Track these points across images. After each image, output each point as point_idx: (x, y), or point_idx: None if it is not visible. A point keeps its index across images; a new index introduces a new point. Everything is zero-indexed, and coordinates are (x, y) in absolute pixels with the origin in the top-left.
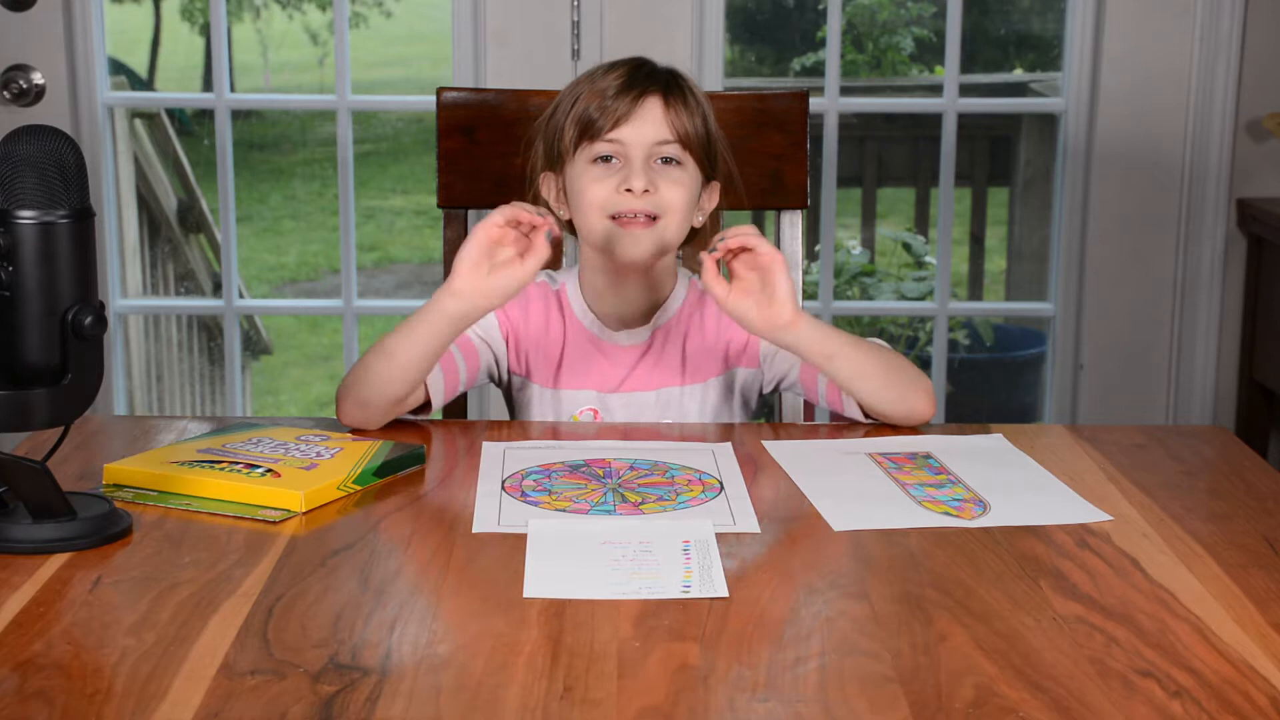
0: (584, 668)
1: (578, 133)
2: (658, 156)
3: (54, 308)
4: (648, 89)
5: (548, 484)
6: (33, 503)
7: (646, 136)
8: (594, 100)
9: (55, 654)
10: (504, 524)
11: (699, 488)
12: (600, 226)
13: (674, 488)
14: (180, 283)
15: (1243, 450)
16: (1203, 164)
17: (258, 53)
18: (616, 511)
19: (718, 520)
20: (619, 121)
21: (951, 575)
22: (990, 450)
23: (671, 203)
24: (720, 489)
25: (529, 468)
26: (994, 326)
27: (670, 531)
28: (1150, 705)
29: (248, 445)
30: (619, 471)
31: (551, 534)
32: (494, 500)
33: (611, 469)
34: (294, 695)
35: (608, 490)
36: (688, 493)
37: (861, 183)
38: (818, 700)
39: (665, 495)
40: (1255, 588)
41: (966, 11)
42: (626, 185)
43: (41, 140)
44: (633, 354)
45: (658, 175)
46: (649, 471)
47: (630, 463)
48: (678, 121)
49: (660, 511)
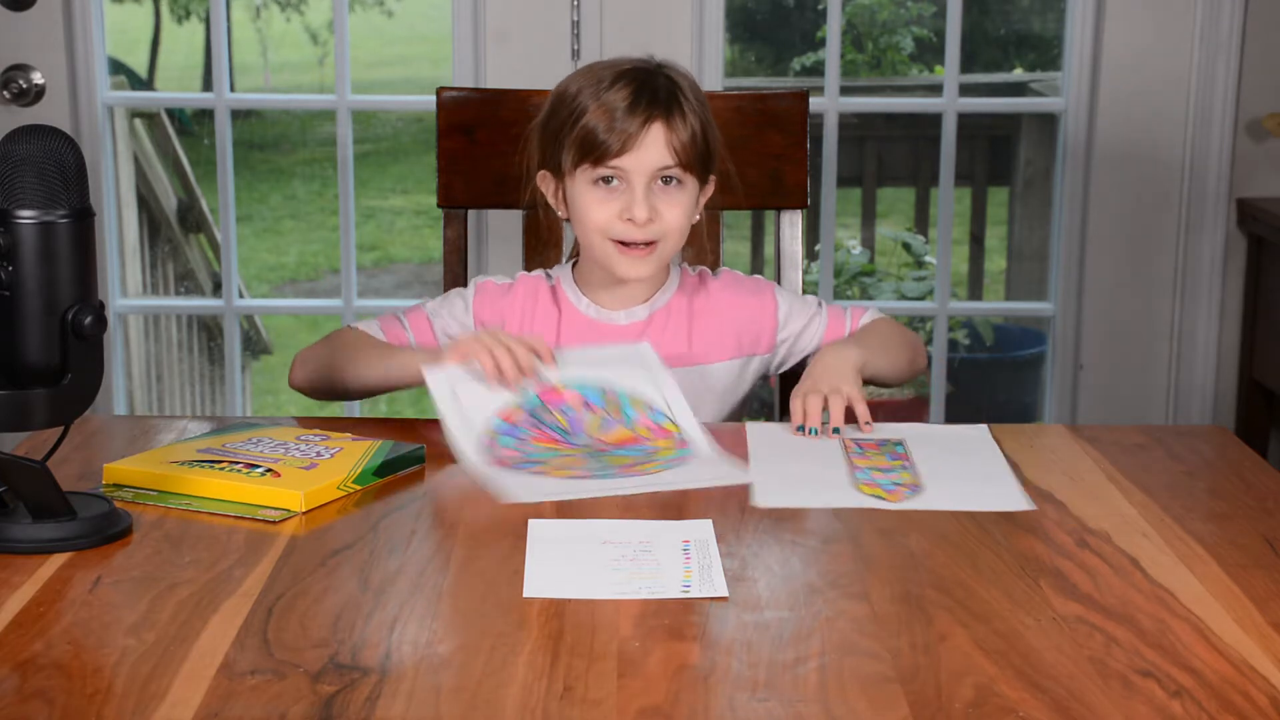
0: (584, 668)
1: (580, 153)
2: (659, 179)
3: (54, 307)
4: (652, 114)
5: (531, 454)
6: (33, 503)
7: (649, 163)
8: (598, 119)
9: (55, 654)
10: (534, 494)
11: (665, 441)
12: (601, 247)
13: (642, 446)
14: (180, 283)
15: (1243, 450)
16: (1202, 164)
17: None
18: (617, 474)
19: (714, 474)
20: (623, 149)
21: (951, 575)
22: (965, 440)
23: (671, 225)
24: (685, 444)
25: (496, 425)
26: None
27: (670, 531)
28: (1150, 705)
29: (248, 445)
30: (581, 424)
31: (551, 534)
32: (499, 477)
33: (572, 418)
34: (294, 695)
35: (589, 456)
36: (661, 451)
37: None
38: (818, 700)
39: (640, 456)
40: (1255, 588)
41: (966, 11)
42: (629, 214)
43: (41, 140)
44: (631, 332)
45: (658, 199)
46: (606, 414)
47: (582, 396)
48: (679, 143)
49: (656, 471)
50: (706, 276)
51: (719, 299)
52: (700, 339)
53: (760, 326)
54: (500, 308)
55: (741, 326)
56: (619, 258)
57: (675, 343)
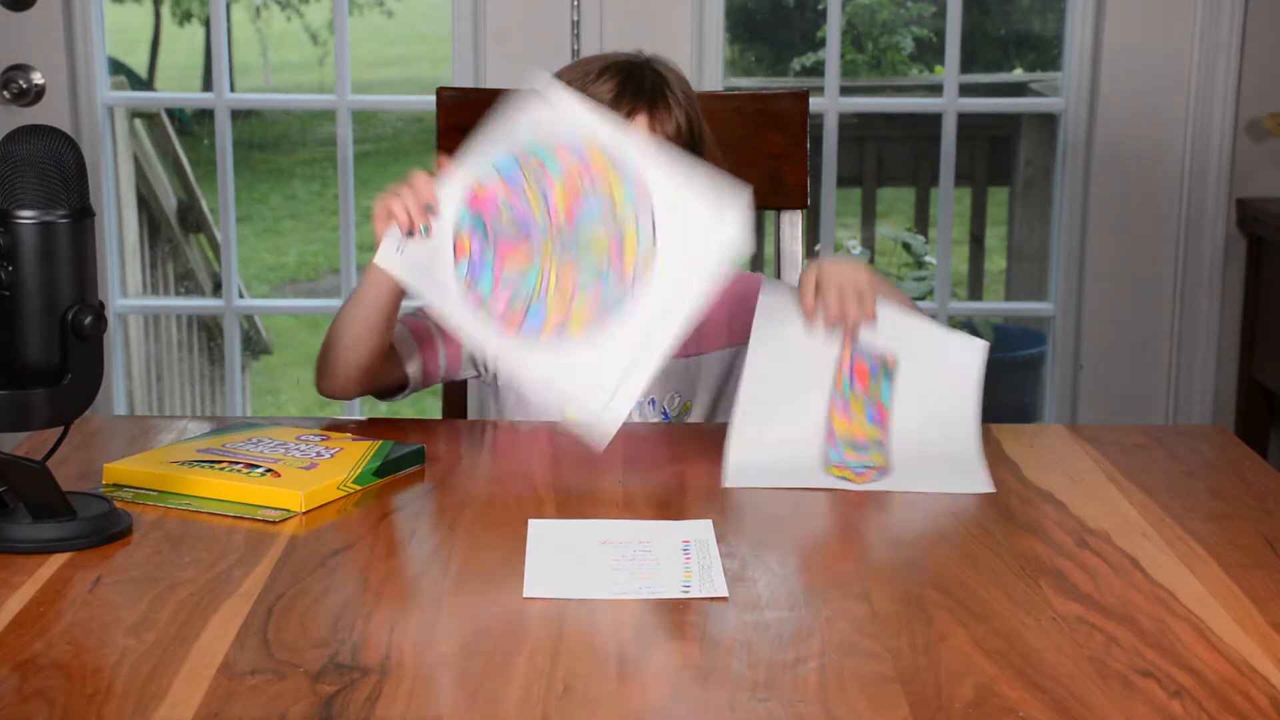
0: (584, 668)
1: None
2: None
3: (54, 307)
4: (636, 106)
5: (512, 284)
6: (33, 503)
7: None
8: None
9: (55, 654)
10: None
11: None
12: None
13: (590, 200)
14: (180, 283)
15: (1243, 450)
16: (1203, 164)
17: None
18: (608, 269)
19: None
20: None
21: (951, 575)
22: (953, 372)
23: None
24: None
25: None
26: (994, 326)
27: (670, 531)
28: (1150, 705)
29: (248, 445)
30: (525, 214)
31: (551, 534)
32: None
33: (516, 213)
34: (294, 695)
35: (564, 248)
36: (607, 195)
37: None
38: (818, 700)
39: (605, 225)
40: (1255, 588)
41: (966, 11)
42: None
43: (41, 140)
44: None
45: None
46: (533, 182)
47: (500, 177)
48: (664, 134)
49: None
50: None
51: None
52: (695, 331)
53: (750, 312)
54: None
55: (733, 314)
56: None
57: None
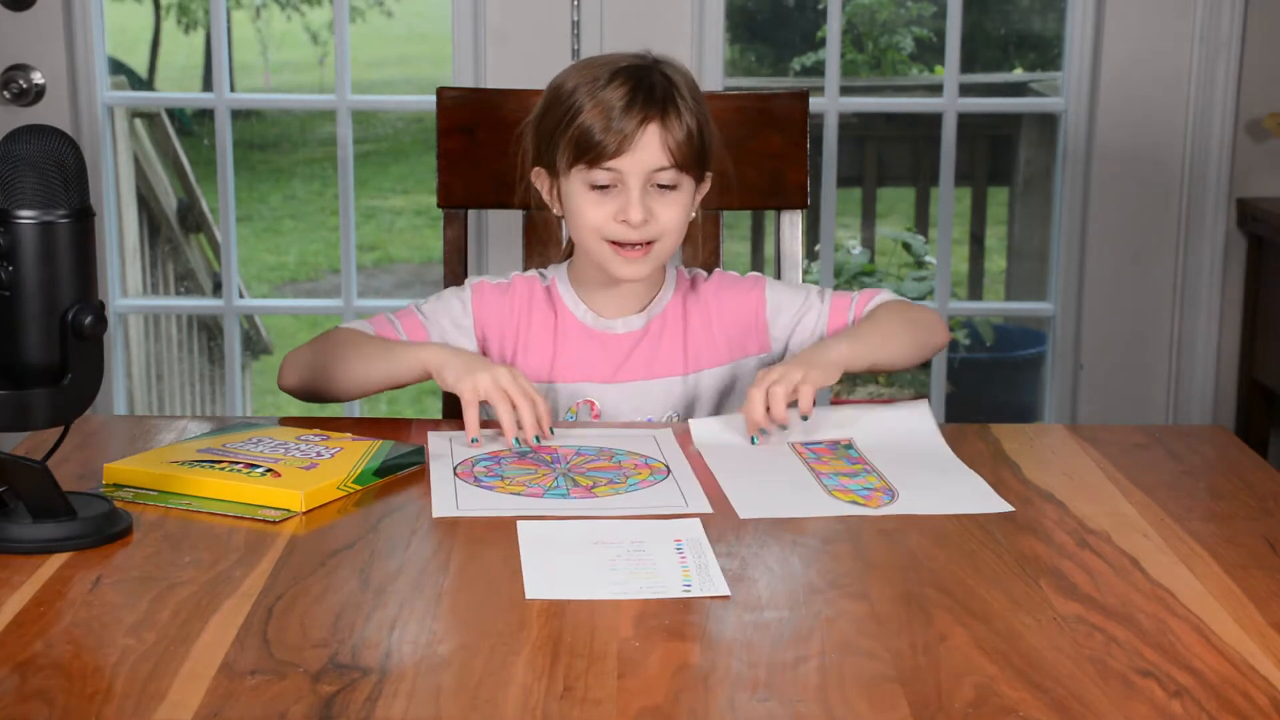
0: (584, 668)
1: (575, 152)
2: (654, 181)
3: (54, 307)
4: (648, 114)
5: (499, 470)
6: (33, 503)
7: (645, 165)
8: (593, 118)
9: (55, 654)
10: (463, 508)
11: (646, 471)
12: (596, 248)
13: (622, 471)
14: (180, 282)
15: (1243, 450)
16: (1203, 164)
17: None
18: (570, 495)
19: (669, 502)
20: (619, 150)
21: (951, 575)
22: (910, 433)
23: (668, 225)
24: (667, 471)
25: (478, 455)
26: (994, 326)
27: (661, 530)
28: (1150, 705)
29: (248, 445)
30: (566, 457)
31: (542, 535)
32: (449, 486)
33: (559, 455)
34: (294, 695)
35: (558, 475)
36: (636, 475)
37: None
38: (818, 700)
39: (615, 479)
40: (1255, 588)
41: (966, 11)
42: (624, 216)
43: (41, 140)
44: (628, 341)
45: (654, 200)
46: (595, 456)
47: (576, 449)
48: (674, 143)
49: (612, 495)
50: (699, 279)
51: (710, 303)
52: (694, 347)
53: (749, 326)
54: (500, 309)
55: (731, 331)
56: (615, 259)
57: (671, 353)
